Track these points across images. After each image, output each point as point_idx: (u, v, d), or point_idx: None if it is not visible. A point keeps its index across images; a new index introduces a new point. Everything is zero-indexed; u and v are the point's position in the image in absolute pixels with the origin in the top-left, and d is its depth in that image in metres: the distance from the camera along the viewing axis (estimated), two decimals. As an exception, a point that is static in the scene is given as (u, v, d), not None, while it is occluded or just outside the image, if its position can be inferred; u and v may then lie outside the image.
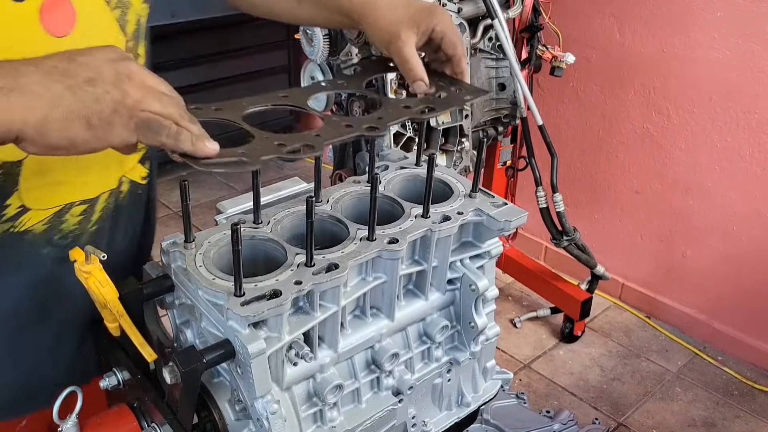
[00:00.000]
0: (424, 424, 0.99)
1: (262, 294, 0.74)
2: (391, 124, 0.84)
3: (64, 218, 0.88)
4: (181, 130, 0.67)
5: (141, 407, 0.85)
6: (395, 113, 0.86)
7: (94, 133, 0.64)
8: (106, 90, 0.64)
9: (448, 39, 0.93)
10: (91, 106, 0.63)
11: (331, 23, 1.02)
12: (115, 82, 0.64)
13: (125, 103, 0.64)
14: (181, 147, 0.68)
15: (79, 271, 0.78)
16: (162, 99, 0.67)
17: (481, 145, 1.21)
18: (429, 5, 0.95)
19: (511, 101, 2.36)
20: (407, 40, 0.91)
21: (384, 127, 0.82)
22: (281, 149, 0.73)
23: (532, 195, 2.45)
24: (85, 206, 0.90)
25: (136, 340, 0.81)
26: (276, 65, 3.74)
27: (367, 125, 0.81)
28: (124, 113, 0.65)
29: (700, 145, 2.53)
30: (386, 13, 0.92)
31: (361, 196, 0.95)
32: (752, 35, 2.29)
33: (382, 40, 0.93)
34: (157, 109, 0.66)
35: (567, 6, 2.66)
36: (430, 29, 0.93)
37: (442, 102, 0.90)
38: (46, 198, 0.86)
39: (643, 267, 2.86)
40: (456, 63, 0.95)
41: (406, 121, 2.24)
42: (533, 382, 2.53)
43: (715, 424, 2.36)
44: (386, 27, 0.92)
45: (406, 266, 0.90)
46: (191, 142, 0.68)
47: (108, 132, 0.65)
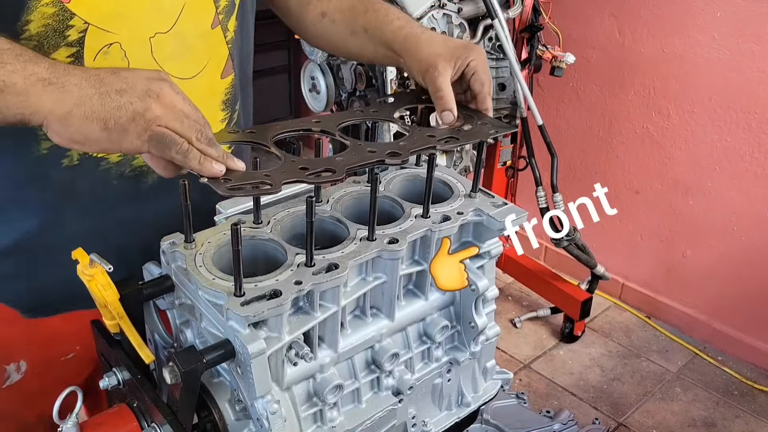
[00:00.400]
0: (424, 424, 0.99)
1: (262, 294, 0.74)
2: (414, 152, 0.85)
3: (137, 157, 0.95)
4: (191, 149, 0.73)
5: (141, 407, 0.85)
6: (420, 141, 0.87)
7: (108, 135, 0.71)
8: (131, 101, 0.71)
9: (479, 76, 0.98)
10: (111, 111, 0.71)
11: (376, 57, 1.09)
12: (141, 96, 0.71)
13: (144, 116, 0.71)
14: (189, 164, 0.73)
15: (81, 273, 0.78)
16: (183, 120, 0.73)
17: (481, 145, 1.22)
18: (467, 42, 1.00)
19: (511, 101, 2.36)
20: (443, 71, 0.96)
21: (407, 154, 0.83)
22: (303, 173, 0.76)
23: (532, 195, 2.45)
24: None
25: (135, 341, 0.82)
26: (276, 65, 3.74)
27: (390, 151, 0.83)
28: (140, 124, 0.71)
29: (700, 145, 2.53)
30: (426, 46, 0.99)
31: (361, 196, 0.95)
32: (752, 35, 2.29)
33: (419, 69, 0.99)
34: (175, 126, 0.72)
35: (567, 6, 2.66)
36: (465, 64, 0.97)
37: (467, 134, 0.91)
38: None
39: (643, 267, 2.87)
40: (481, 100, 0.99)
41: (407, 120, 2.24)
42: (533, 382, 2.53)
43: (715, 424, 2.36)
44: (425, 58, 0.98)
45: (406, 266, 0.90)
46: (198, 161, 0.73)
47: (121, 137, 0.72)
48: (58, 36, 0.84)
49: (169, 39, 0.92)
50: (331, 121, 0.93)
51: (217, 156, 0.75)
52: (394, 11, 1.08)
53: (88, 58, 0.87)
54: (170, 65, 0.93)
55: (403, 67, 1.04)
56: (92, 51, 0.87)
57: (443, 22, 2.15)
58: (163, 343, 0.92)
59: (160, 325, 0.91)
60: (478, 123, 0.95)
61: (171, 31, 0.92)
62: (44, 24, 0.82)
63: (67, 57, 0.85)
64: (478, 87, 0.99)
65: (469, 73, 0.98)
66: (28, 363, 1.05)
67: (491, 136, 0.92)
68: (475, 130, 0.93)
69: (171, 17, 0.92)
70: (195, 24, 0.95)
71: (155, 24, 0.90)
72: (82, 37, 0.85)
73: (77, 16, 0.84)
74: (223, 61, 1.03)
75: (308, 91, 2.46)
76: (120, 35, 0.88)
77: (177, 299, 0.85)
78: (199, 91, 0.98)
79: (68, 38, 0.84)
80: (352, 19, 1.09)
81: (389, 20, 1.05)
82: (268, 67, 3.92)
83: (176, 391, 0.77)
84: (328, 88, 2.37)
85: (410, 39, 1.01)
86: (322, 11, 1.13)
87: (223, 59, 1.03)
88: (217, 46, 1.00)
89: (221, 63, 1.03)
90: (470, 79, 0.99)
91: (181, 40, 0.94)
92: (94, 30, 0.85)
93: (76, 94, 0.71)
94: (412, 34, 1.02)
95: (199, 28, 0.96)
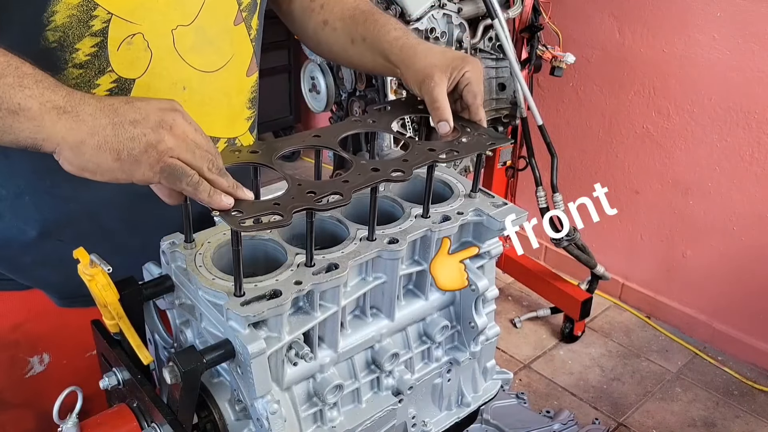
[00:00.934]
0: (424, 424, 0.99)
1: (262, 294, 0.74)
2: (417, 167, 0.86)
3: None
4: (201, 181, 0.74)
5: (141, 407, 0.85)
6: (421, 156, 0.88)
7: (121, 166, 0.73)
8: (144, 132, 0.72)
9: (472, 87, 0.99)
10: (124, 142, 0.72)
11: (375, 67, 1.12)
12: (155, 127, 0.72)
13: (157, 147, 0.72)
14: (199, 196, 0.74)
15: (82, 273, 0.78)
16: (195, 151, 0.74)
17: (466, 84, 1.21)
18: (463, 54, 1.02)
19: (511, 101, 2.36)
20: (439, 82, 0.97)
21: (410, 171, 0.84)
22: (311, 199, 0.77)
23: (532, 195, 2.45)
24: None
25: (134, 342, 0.82)
26: (276, 65, 3.74)
27: (393, 169, 0.84)
28: (153, 155, 0.72)
29: (700, 145, 2.53)
30: (423, 57, 1.01)
31: (361, 196, 0.95)
32: (752, 35, 2.29)
33: (415, 80, 1.00)
34: (187, 158, 0.73)
35: (567, 6, 2.66)
36: (461, 75, 0.99)
37: (466, 146, 0.93)
38: None
39: (643, 267, 2.86)
40: (474, 111, 1.00)
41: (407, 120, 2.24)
42: (533, 382, 2.53)
43: (715, 424, 2.36)
44: (422, 68, 1.00)
45: (406, 266, 0.90)
46: (208, 194, 0.74)
47: (134, 168, 0.73)
48: (82, 26, 0.85)
49: (191, 32, 0.94)
50: (330, 135, 0.94)
51: (227, 187, 0.75)
52: (393, 22, 1.09)
53: (111, 48, 0.88)
54: (192, 57, 0.95)
55: (400, 77, 1.05)
56: (116, 41, 0.88)
57: (443, 22, 2.15)
58: (163, 343, 0.92)
59: (160, 325, 0.91)
60: (475, 134, 0.96)
61: (193, 24, 0.94)
62: (69, 15, 0.84)
63: (92, 47, 0.87)
64: (470, 99, 1.00)
65: (463, 83, 1.00)
66: (52, 356, 1.08)
67: (489, 148, 0.92)
68: (473, 142, 0.94)
69: (192, 11, 0.94)
70: (216, 19, 0.97)
71: (177, 16, 0.92)
72: (106, 27, 0.87)
73: (100, 7, 0.85)
74: (249, 59, 1.05)
75: (308, 91, 2.46)
76: (143, 26, 0.89)
77: (177, 299, 0.85)
78: (225, 86, 1.01)
79: (92, 28, 0.86)
80: (352, 27, 1.11)
81: (386, 30, 1.07)
82: (268, 67, 3.91)
83: (176, 391, 0.77)
84: (328, 88, 2.37)
85: (406, 49, 1.03)
86: (324, 19, 1.15)
87: (248, 56, 1.05)
88: (241, 43, 1.02)
89: (246, 60, 1.05)
90: (463, 89, 1.00)
91: (203, 34, 0.95)
92: (117, 21, 0.87)
93: (90, 124, 0.72)
94: (408, 45, 1.04)
95: (221, 24, 0.98)
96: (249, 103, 1.09)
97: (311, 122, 4.13)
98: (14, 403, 1.09)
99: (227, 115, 1.04)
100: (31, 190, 0.95)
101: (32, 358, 1.08)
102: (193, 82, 0.97)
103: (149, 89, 0.93)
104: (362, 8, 1.13)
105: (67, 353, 1.10)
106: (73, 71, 0.87)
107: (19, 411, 1.09)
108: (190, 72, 0.96)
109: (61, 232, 0.98)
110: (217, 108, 1.02)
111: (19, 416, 1.09)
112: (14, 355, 1.07)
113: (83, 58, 0.87)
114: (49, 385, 1.06)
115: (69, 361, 1.10)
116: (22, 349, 1.07)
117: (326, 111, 2.46)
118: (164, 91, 0.94)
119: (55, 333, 1.07)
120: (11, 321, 1.05)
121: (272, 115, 3.83)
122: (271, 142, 0.90)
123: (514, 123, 2.42)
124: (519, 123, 2.41)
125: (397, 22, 1.10)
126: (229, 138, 1.06)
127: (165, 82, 0.94)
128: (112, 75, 0.90)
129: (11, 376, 1.07)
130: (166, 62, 0.93)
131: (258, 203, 0.77)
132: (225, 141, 1.05)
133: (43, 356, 1.08)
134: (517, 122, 2.41)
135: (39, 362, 1.08)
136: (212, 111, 1.01)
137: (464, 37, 2.18)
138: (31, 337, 1.07)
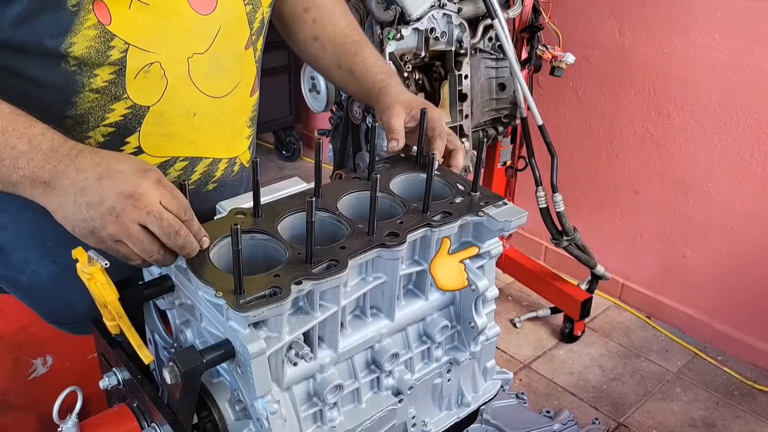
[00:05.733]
0: (424, 424, 0.99)
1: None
2: (411, 231, 0.87)
3: (168, 170, 0.99)
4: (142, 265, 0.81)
5: (141, 407, 0.85)
6: (416, 219, 0.89)
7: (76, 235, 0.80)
8: (92, 217, 0.78)
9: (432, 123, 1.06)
10: (78, 221, 0.79)
11: (355, 94, 1.22)
12: (103, 214, 0.77)
13: (99, 233, 0.78)
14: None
15: (81, 272, 0.78)
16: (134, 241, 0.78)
17: (481, 145, 1.22)
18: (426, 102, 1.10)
19: (511, 101, 2.35)
20: (398, 113, 1.07)
21: (404, 235, 0.85)
22: (309, 270, 0.78)
23: (532, 195, 2.45)
24: (185, 163, 1.00)
25: (134, 341, 0.82)
26: (276, 65, 3.74)
27: (388, 233, 0.85)
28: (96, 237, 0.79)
29: (700, 145, 2.53)
30: (392, 96, 1.11)
31: (362, 195, 0.96)
32: (752, 35, 2.28)
33: (380, 111, 1.10)
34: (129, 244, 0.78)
35: (567, 6, 2.66)
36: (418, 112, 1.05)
37: (459, 207, 0.94)
38: (159, 146, 0.97)
39: (643, 267, 2.86)
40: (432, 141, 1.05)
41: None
42: (533, 382, 2.53)
43: (715, 424, 2.36)
44: (387, 102, 1.09)
45: (406, 266, 0.90)
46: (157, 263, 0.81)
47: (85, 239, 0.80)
48: (100, 56, 0.88)
49: (205, 59, 0.96)
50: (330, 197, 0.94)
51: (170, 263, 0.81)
52: (380, 64, 1.17)
53: (129, 76, 0.90)
54: (204, 83, 0.97)
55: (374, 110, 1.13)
56: (134, 70, 0.90)
57: (443, 22, 2.15)
58: (163, 343, 0.92)
59: (160, 325, 0.91)
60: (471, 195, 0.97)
61: (207, 51, 0.96)
62: (87, 46, 0.86)
63: (110, 74, 0.89)
64: (429, 132, 1.06)
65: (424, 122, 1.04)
66: (55, 358, 1.10)
67: (482, 209, 0.93)
68: (467, 202, 0.95)
69: (208, 38, 0.96)
70: (230, 45, 1.00)
71: (194, 44, 0.95)
72: (124, 56, 0.89)
73: (118, 37, 0.88)
74: (253, 80, 1.08)
75: (308, 91, 2.46)
76: (160, 55, 0.91)
77: (177, 299, 0.85)
78: (230, 109, 1.04)
79: (110, 58, 0.88)
80: (341, 55, 1.18)
81: (374, 73, 1.16)
82: (268, 67, 3.91)
83: (176, 391, 0.77)
84: (328, 88, 2.37)
85: (383, 90, 1.12)
86: (314, 35, 1.20)
87: (253, 78, 1.08)
88: (248, 66, 1.06)
89: (251, 82, 1.08)
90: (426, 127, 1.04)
91: (216, 61, 0.98)
92: (134, 50, 0.89)
93: (60, 199, 0.79)
94: (386, 88, 1.13)
95: (234, 49, 1.01)
96: (249, 122, 1.11)
97: (311, 122, 4.13)
98: (17, 405, 1.10)
99: (231, 136, 1.06)
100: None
101: (35, 360, 1.09)
102: (203, 107, 0.99)
103: (162, 116, 0.95)
104: (354, 38, 1.19)
105: (69, 355, 1.11)
106: (89, 95, 0.89)
107: (22, 413, 1.10)
108: (201, 98, 0.98)
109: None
110: (222, 131, 1.04)
111: (21, 418, 1.10)
112: (18, 357, 1.08)
113: (101, 84, 0.89)
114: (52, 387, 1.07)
115: (72, 363, 1.11)
116: (25, 352, 1.08)
117: (326, 111, 2.46)
118: (176, 118, 0.96)
119: (59, 335, 1.08)
120: (15, 324, 1.06)
121: (272, 115, 3.83)
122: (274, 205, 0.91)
123: (514, 123, 2.42)
124: (519, 123, 2.41)
125: (384, 65, 1.18)
126: (229, 158, 1.07)
127: (177, 109, 0.96)
128: (128, 102, 0.91)
129: (15, 378, 1.08)
130: (180, 90, 0.95)
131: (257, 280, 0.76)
132: (226, 161, 1.06)
133: (47, 358, 1.10)
134: (517, 122, 2.41)
135: (42, 364, 1.09)
136: (217, 134, 1.03)
137: (464, 37, 2.18)
138: (34, 340, 1.08)
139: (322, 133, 2.66)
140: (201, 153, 1.02)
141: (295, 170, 3.96)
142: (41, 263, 1.00)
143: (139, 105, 0.93)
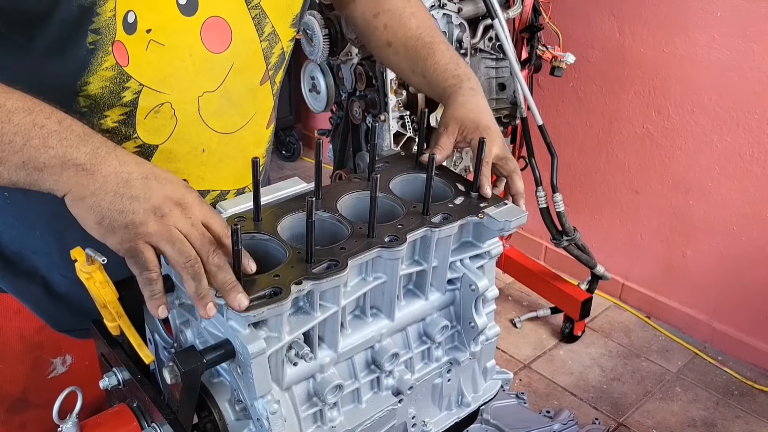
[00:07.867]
0: (424, 424, 0.99)
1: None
2: (411, 234, 0.86)
3: None
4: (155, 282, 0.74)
5: (141, 407, 0.85)
6: (415, 222, 0.89)
7: (98, 229, 0.74)
8: (135, 210, 0.73)
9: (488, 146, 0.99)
10: (113, 212, 0.73)
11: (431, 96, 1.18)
12: (147, 210, 0.73)
13: (137, 228, 0.73)
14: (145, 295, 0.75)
15: (80, 271, 0.78)
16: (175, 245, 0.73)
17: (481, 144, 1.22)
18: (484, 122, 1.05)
19: (511, 101, 2.36)
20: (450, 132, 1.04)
21: (404, 237, 0.85)
22: (309, 270, 0.78)
23: (532, 195, 2.45)
24: None
25: (135, 341, 0.82)
26: (276, 65, 3.75)
27: (388, 235, 0.85)
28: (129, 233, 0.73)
29: (700, 145, 2.53)
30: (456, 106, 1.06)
31: (361, 196, 0.95)
32: (752, 35, 2.28)
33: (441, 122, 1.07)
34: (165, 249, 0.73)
35: (567, 6, 2.66)
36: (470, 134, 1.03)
37: (459, 209, 0.93)
38: None
39: (643, 267, 2.86)
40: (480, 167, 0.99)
41: (407, 120, 2.23)
42: (533, 382, 2.53)
43: (715, 424, 2.36)
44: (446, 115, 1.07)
45: (406, 266, 0.90)
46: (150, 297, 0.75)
47: (108, 235, 0.74)
48: (114, 97, 0.87)
49: (216, 97, 0.95)
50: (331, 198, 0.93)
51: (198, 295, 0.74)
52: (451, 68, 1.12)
53: (139, 117, 0.90)
54: (214, 121, 0.96)
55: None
56: (144, 111, 0.90)
57: (443, 22, 2.15)
58: (163, 343, 0.92)
59: (160, 325, 0.91)
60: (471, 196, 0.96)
61: (218, 89, 0.95)
62: (102, 86, 0.86)
63: (120, 115, 0.88)
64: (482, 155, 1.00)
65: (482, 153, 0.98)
66: (74, 357, 1.11)
67: (481, 211, 0.93)
68: (466, 204, 0.95)
69: (220, 76, 0.95)
70: (243, 81, 0.98)
71: (204, 83, 0.93)
72: (136, 98, 0.88)
73: (133, 79, 0.87)
74: (269, 113, 1.07)
75: (308, 91, 2.46)
76: (171, 95, 0.91)
77: (177, 299, 0.85)
78: (243, 143, 1.03)
79: (123, 99, 0.88)
80: (413, 60, 1.15)
81: (444, 78, 1.11)
82: (268, 67, 3.91)
83: (176, 391, 0.77)
84: (328, 88, 2.37)
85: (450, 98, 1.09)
86: (387, 40, 1.17)
87: (269, 110, 1.07)
88: (264, 100, 1.04)
89: (267, 114, 1.07)
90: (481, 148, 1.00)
91: (227, 98, 0.97)
92: (147, 91, 0.88)
93: (95, 186, 0.73)
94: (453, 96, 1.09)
95: (248, 85, 1.00)
96: (265, 153, 1.11)
97: (311, 122, 4.13)
98: (37, 403, 1.10)
99: (241, 168, 1.05)
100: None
101: (55, 360, 1.10)
102: (213, 143, 0.98)
103: (170, 154, 0.94)
104: (425, 40, 1.14)
105: (89, 355, 1.11)
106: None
107: (42, 411, 1.10)
108: (210, 135, 0.97)
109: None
110: (232, 164, 1.03)
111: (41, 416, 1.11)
112: (38, 356, 1.08)
113: (111, 124, 0.89)
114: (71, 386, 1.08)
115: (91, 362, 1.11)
116: (45, 351, 1.09)
117: (326, 111, 2.46)
118: (184, 155, 0.95)
119: None
120: (36, 323, 1.07)
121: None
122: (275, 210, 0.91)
123: (514, 123, 2.42)
124: (519, 123, 2.41)
125: (455, 66, 1.12)
126: (237, 189, 1.07)
127: (186, 146, 0.95)
128: (137, 141, 0.91)
129: (35, 376, 1.09)
130: (190, 128, 0.94)
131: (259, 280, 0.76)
132: (234, 193, 1.06)
133: (66, 357, 1.10)
134: (517, 122, 2.41)
135: (62, 363, 1.10)
136: (226, 168, 1.03)
137: (464, 37, 2.18)
138: (54, 339, 1.09)
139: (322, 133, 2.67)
140: (209, 186, 1.01)
141: (295, 170, 3.96)
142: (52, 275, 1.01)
143: (148, 144, 0.92)
